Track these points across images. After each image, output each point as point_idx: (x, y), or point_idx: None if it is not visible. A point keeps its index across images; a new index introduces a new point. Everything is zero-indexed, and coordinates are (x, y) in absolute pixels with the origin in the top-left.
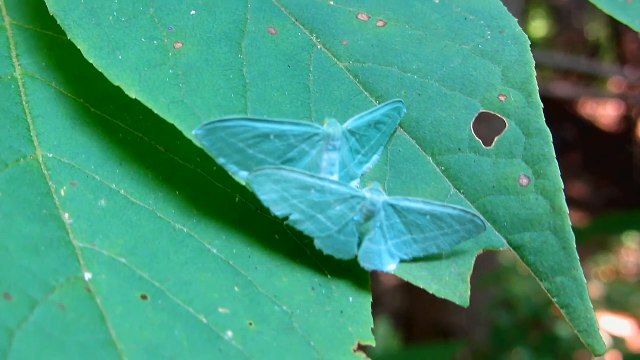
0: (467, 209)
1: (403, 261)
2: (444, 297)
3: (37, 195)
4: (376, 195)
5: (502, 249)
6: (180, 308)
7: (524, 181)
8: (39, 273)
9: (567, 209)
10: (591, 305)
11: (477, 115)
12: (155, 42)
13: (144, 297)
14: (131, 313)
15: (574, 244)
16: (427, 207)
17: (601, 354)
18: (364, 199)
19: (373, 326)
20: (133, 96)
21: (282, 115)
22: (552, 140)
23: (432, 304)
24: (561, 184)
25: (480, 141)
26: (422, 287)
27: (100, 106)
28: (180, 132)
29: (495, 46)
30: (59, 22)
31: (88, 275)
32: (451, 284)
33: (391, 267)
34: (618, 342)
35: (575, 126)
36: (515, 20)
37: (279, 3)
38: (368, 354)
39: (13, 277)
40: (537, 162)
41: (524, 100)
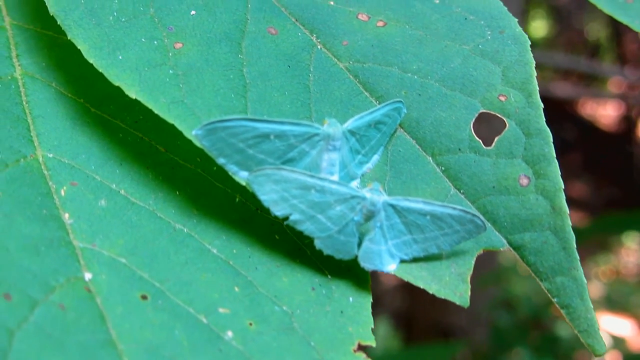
0: (467, 209)
1: (403, 261)
2: (444, 297)
3: (37, 195)
4: (376, 195)
5: (502, 249)
6: (180, 308)
7: (524, 181)
8: (39, 273)
9: (567, 209)
10: (591, 305)
11: (477, 115)
12: (155, 42)
13: (144, 297)
14: (131, 313)
15: (574, 244)
16: (427, 207)
17: (601, 354)
18: (364, 199)
19: (373, 326)
20: (133, 96)
21: (282, 115)
22: (552, 140)
23: (432, 304)
24: (561, 184)
25: (480, 141)
26: (422, 287)
27: (100, 106)
28: (180, 132)
29: (495, 46)
30: (59, 22)
31: (88, 275)
32: (451, 284)
33: (391, 267)
34: (618, 342)
35: (575, 126)
36: (515, 20)
37: (279, 3)
38: (368, 354)
39: (13, 277)
40: (537, 162)
41: (524, 100)
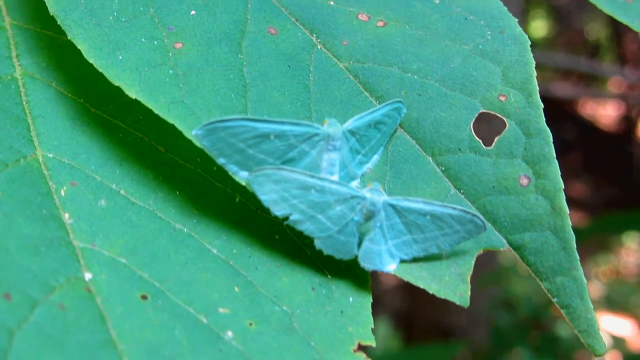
0: (467, 209)
1: (403, 261)
2: (444, 297)
3: (37, 195)
4: (376, 195)
5: (502, 249)
6: (180, 308)
7: (524, 181)
8: (39, 273)
9: (567, 209)
10: (591, 305)
11: (477, 115)
12: (155, 42)
13: (144, 297)
14: (131, 313)
15: (574, 244)
16: (427, 207)
17: (601, 354)
18: (364, 199)
19: (373, 326)
20: (133, 96)
21: (282, 115)
22: (552, 140)
23: (432, 304)
24: (561, 184)
25: (480, 141)
26: (422, 287)
27: (100, 106)
28: (180, 132)
29: (495, 46)
30: (59, 22)
31: (88, 275)
32: (451, 284)
33: (391, 267)
34: (618, 342)
35: (575, 126)
36: (515, 20)
37: (279, 3)
38: (368, 354)
39: (13, 277)
40: (537, 162)
41: (524, 100)
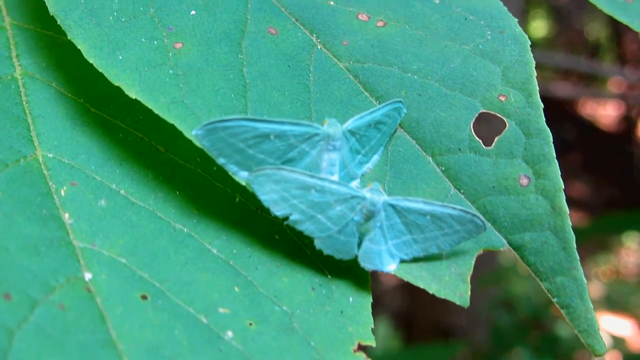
0: (467, 209)
1: (403, 261)
2: (444, 297)
3: (37, 195)
4: (376, 195)
5: (502, 249)
6: (180, 308)
7: (524, 181)
8: (39, 273)
9: (567, 209)
10: (591, 306)
11: (477, 115)
12: (155, 42)
13: (144, 297)
14: (131, 313)
15: (574, 244)
16: (427, 207)
17: (601, 354)
18: (364, 199)
19: (373, 326)
20: (133, 96)
21: (282, 115)
22: (552, 140)
23: (432, 304)
24: (561, 184)
25: (480, 141)
26: (422, 287)
27: (100, 106)
28: (180, 132)
29: (495, 46)
30: (59, 22)
31: (88, 275)
32: (451, 284)
33: (391, 267)
34: (618, 342)
35: (575, 126)
36: (515, 20)
37: (279, 3)
38: (368, 354)
39: (13, 277)
40: (537, 162)
41: (524, 100)
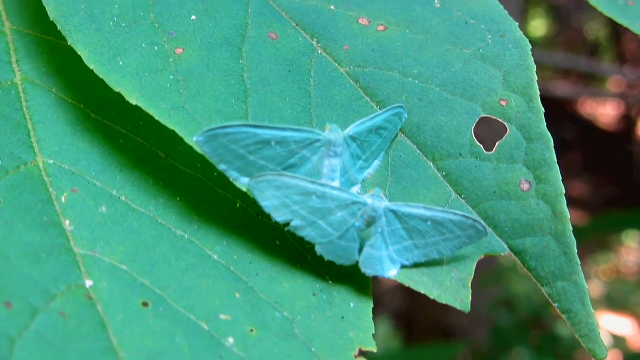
0: (468, 215)
1: (404, 266)
2: (445, 303)
3: (37, 202)
4: (377, 201)
5: (503, 254)
6: (182, 315)
7: (525, 186)
8: (39, 281)
9: (568, 214)
10: (592, 310)
11: (477, 120)
12: (156, 48)
13: (145, 304)
14: (132, 320)
15: (575, 249)
16: (428, 213)
17: (602, 358)
18: (365, 205)
19: (374, 332)
20: (134, 102)
21: (283, 121)
22: (553, 145)
23: (432, 304)
24: (562, 189)
25: (482, 146)
26: (423, 292)
27: (101, 112)
28: (181, 138)
29: (496, 50)
30: (59, 27)
31: (89, 283)
32: (452, 289)
33: (392, 272)
34: (618, 341)
35: (575, 125)
36: (516, 25)
37: (279, 8)
38: (368, 358)
39: (14, 285)
40: (538, 167)
41: (525, 104)
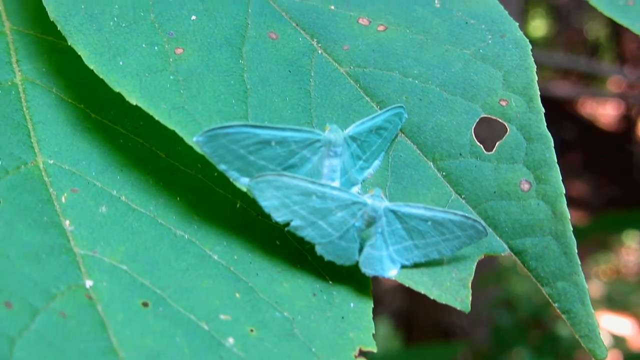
0: (468, 215)
1: (404, 266)
2: (445, 303)
3: (37, 202)
4: (377, 201)
5: (503, 254)
6: (181, 315)
7: (525, 186)
8: (39, 281)
9: (568, 214)
10: (592, 311)
11: (477, 120)
12: (156, 48)
13: (145, 304)
14: (132, 320)
15: (575, 249)
16: (429, 213)
17: (602, 358)
18: (365, 205)
19: (374, 332)
20: (134, 102)
21: (283, 121)
22: (553, 145)
23: (432, 304)
24: (562, 189)
25: (482, 146)
26: (423, 292)
27: (101, 112)
28: (181, 138)
29: (496, 50)
30: (59, 27)
31: (89, 283)
32: (452, 289)
33: (392, 272)
34: (618, 341)
35: (575, 125)
36: (516, 25)
37: (279, 8)
38: (368, 358)
39: (14, 285)
40: (538, 167)
41: (525, 105)
